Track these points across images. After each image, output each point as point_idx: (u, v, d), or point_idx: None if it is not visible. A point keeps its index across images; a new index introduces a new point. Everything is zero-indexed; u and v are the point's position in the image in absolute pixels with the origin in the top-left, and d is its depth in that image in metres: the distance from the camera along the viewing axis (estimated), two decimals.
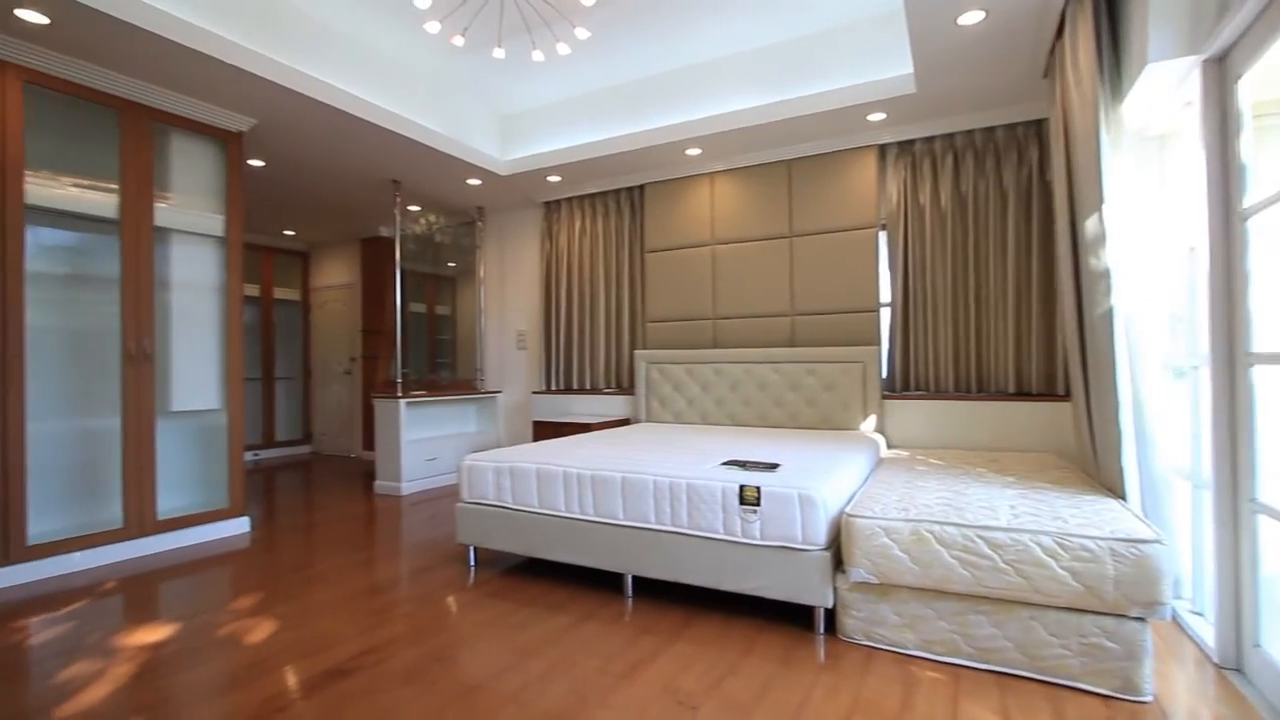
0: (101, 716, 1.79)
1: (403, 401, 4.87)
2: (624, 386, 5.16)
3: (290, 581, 2.92)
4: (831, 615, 2.32)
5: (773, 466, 2.63)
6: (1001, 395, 3.77)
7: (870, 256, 4.14)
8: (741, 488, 2.40)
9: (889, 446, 4.02)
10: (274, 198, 5.52)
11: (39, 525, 3.15)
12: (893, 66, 3.58)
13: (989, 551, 1.99)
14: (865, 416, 4.05)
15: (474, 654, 2.16)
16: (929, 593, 2.09)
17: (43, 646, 2.26)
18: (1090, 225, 2.42)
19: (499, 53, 3.22)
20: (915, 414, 3.97)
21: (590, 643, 2.24)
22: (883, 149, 4.19)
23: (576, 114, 4.68)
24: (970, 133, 3.88)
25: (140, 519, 3.36)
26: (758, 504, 2.36)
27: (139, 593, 2.81)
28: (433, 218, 6.24)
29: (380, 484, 4.99)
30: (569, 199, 5.45)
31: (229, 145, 3.80)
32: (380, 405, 4.99)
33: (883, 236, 4.19)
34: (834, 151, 4.26)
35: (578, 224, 5.39)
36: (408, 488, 4.90)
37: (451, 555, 3.29)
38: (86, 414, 3.37)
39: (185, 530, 3.55)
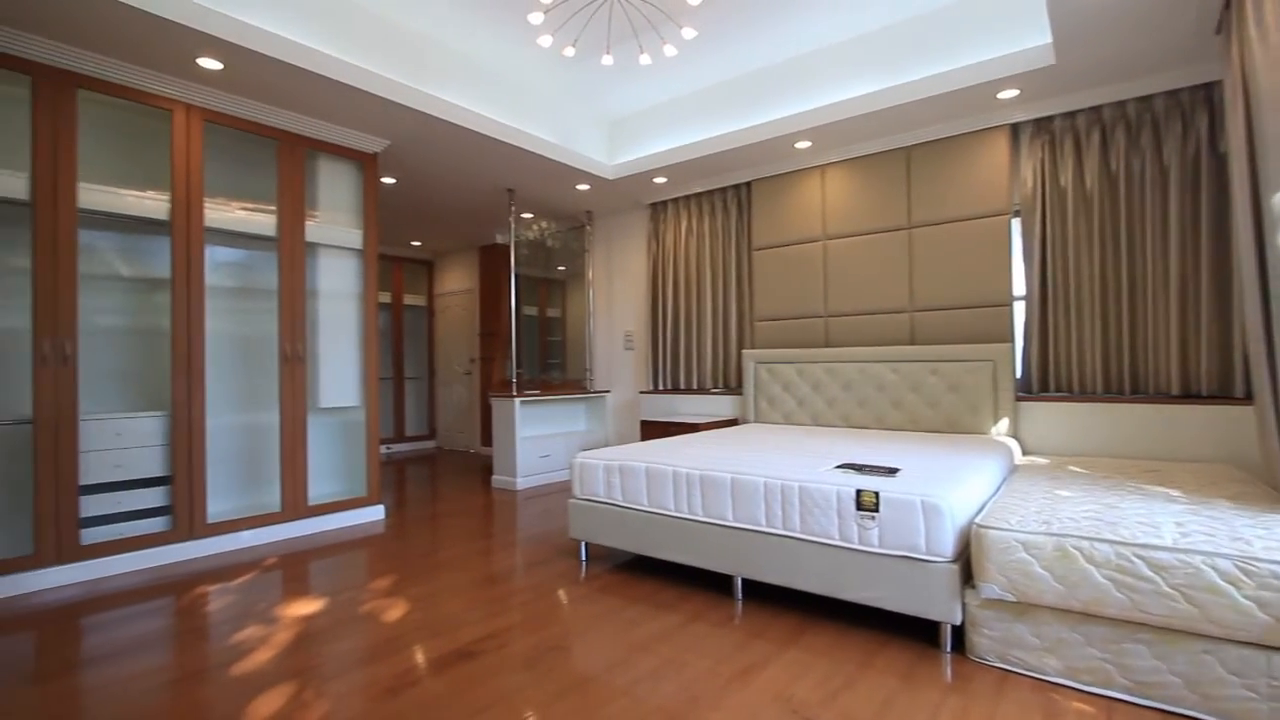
0: (267, 676, 2.02)
1: (517, 400, 5.11)
2: (731, 386, 5.10)
3: (419, 566, 3.15)
4: (959, 632, 2.16)
5: (892, 471, 2.49)
6: (1163, 397, 3.34)
7: (1001, 246, 3.82)
8: (858, 493, 2.29)
9: (1024, 453, 3.69)
10: (403, 212, 5.98)
11: (215, 506, 3.62)
12: (1024, 38, 3.28)
13: (1150, 573, 1.76)
14: (996, 420, 3.74)
15: (587, 646, 2.22)
16: (1075, 615, 1.89)
17: (219, 611, 2.58)
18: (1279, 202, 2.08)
19: (607, 60, 3.29)
20: (1055, 417, 3.61)
21: (700, 643, 2.22)
22: (1015, 128, 3.85)
23: (682, 114, 4.69)
24: (1121, 104, 3.47)
25: (295, 503, 3.75)
26: (876, 510, 2.24)
27: (294, 569, 3.14)
28: (544, 224, 6.50)
29: (497, 478, 5.26)
30: (675, 199, 5.47)
31: (365, 166, 4.16)
32: (497, 404, 5.26)
33: (1016, 224, 3.85)
34: (958, 135, 3.97)
35: (684, 224, 5.40)
36: (522, 483, 5.13)
37: (564, 549, 3.40)
38: (251, 409, 3.82)
39: (330, 515, 3.93)
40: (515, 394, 5.12)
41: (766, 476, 2.55)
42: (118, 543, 3.10)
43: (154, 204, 3.27)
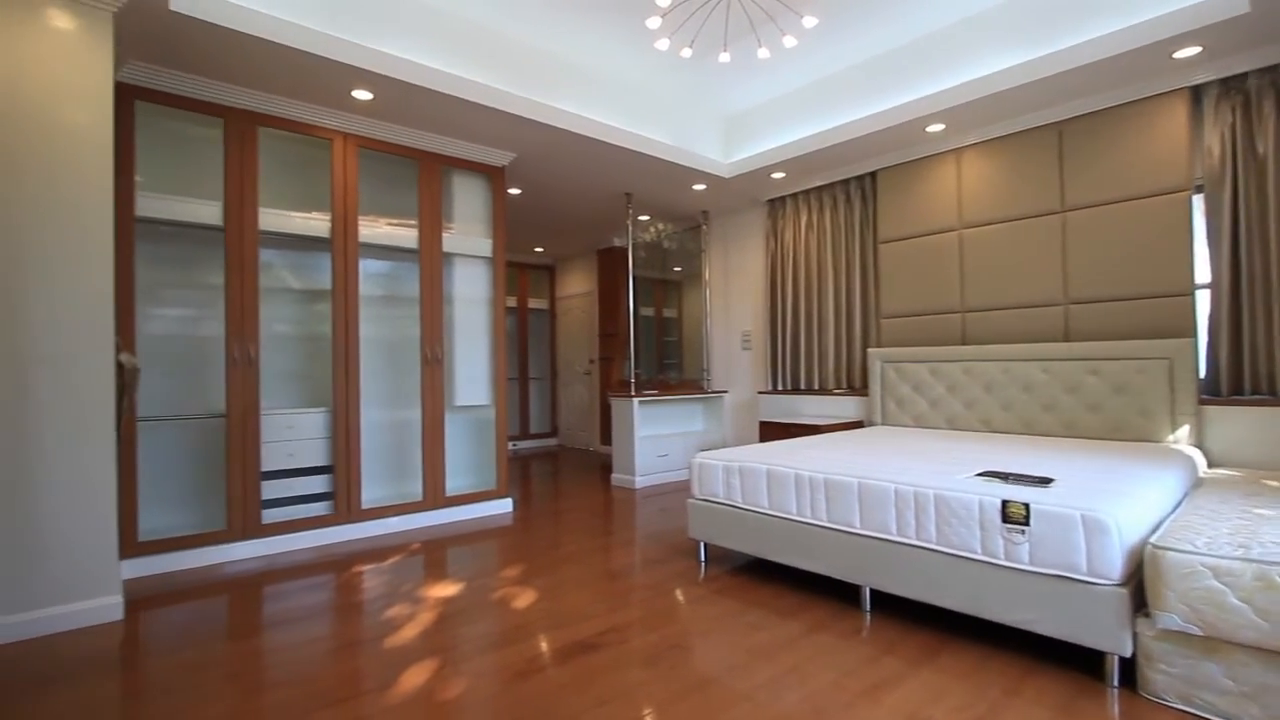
0: (413, 651, 2.20)
1: (635, 400, 5.19)
2: (855, 387, 4.87)
3: (544, 558, 3.29)
4: (1129, 665, 1.91)
5: (1044, 481, 2.26)
6: None
7: (1180, 227, 3.34)
8: (1004, 503, 2.09)
9: (1209, 465, 3.20)
10: (527, 220, 6.29)
11: (368, 493, 3.99)
12: None
13: None
14: (1174, 426, 3.27)
15: (707, 647, 2.20)
16: None
17: (372, 589, 2.85)
18: None
19: (724, 57, 3.26)
20: (1248, 425, 3.09)
21: (824, 654, 2.14)
22: (1197, 91, 3.34)
23: (801, 106, 4.55)
24: None
25: (434, 494, 4.06)
26: (1026, 524, 2.04)
27: (434, 554, 3.39)
28: (661, 225, 6.57)
29: (616, 476, 5.38)
30: (794, 194, 5.32)
31: (494, 178, 4.42)
32: (616, 403, 5.38)
33: (1198, 201, 3.35)
34: (1123, 104, 3.52)
35: (803, 219, 5.23)
36: (641, 481, 5.21)
37: (682, 549, 3.41)
38: (397, 407, 4.19)
39: (465, 506, 4.21)
40: (633, 394, 5.21)
41: (897, 482, 2.40)
42: (290, 523, 3.52)
43: (317, 224, 3.67)
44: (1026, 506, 2.04)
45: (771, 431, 4.80)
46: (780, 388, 5.41)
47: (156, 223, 3.22)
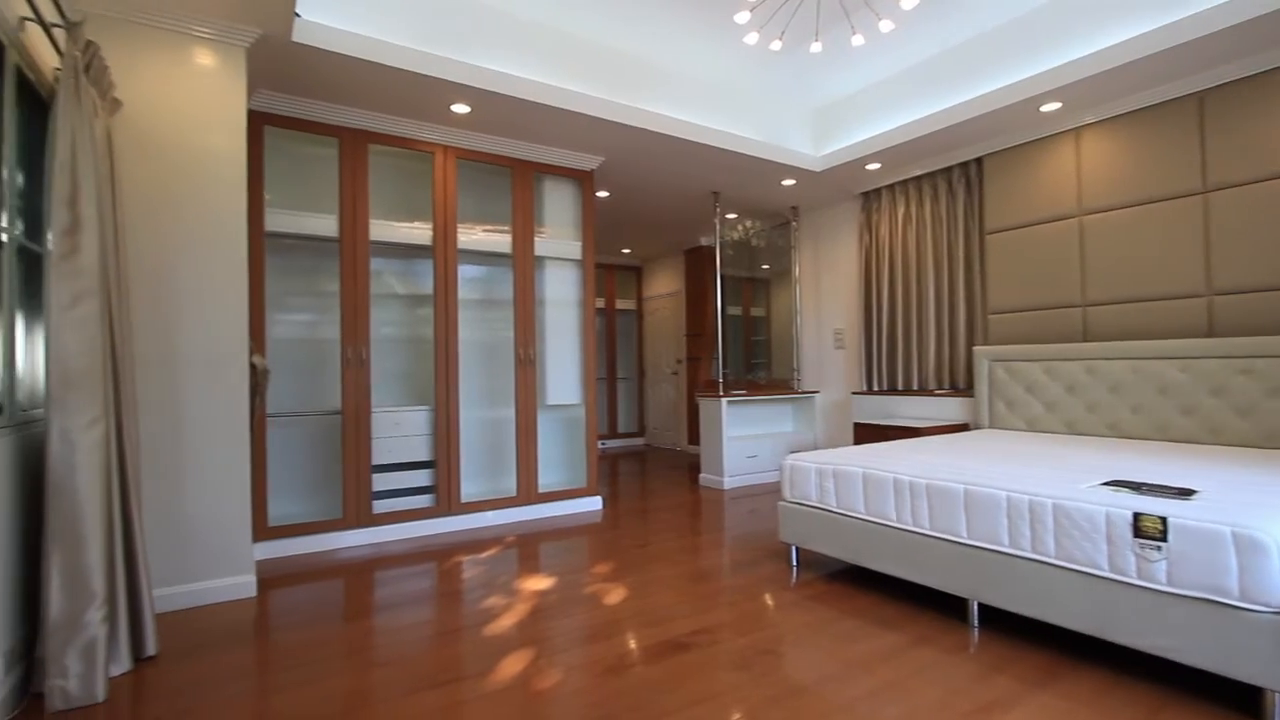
0: (509, 641, 2.28)
1: (724, 400, 5.14)
2: (959, 387, 4.58)
3: (634, 556, 3.31)
4: None
5: (1185, 493, 2.02)
6: None
7: None
8: (1136, 516, 1.90)
9: None
10: (615, 222, 6.38)
11: (467, 488, 4.19)
12: None
13: None
14: None
15: (800, 655, 2.14)
16: None
17: (470, 579, 2.98)
18: None
19: (816, 47, 3.16)
20: None
21: (928, 669, 2.02)
22: None
23: (897, 93, 4.33)
24: None
25: (527, 490, 4.20)
26: (1162, 539, 1.83)
27: (527, 548, 3.51)
28: (749, 223, 6.47)
29: (704, 477, 5.35)
30: (890, 186, 5.08)
31: (583, 182, 4.51)
32: (704, 404, 5.35)
33: None
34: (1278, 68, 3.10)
35: (900, 211, 4.99)
36: (729, 482, 5.15)
37: (773, 552, 3.34)
38: (492, 406, 4.36)
39: (556, 503, 4.32)
40: (722, 394, 5.16)
41: (1009, 490, 2.23)
42: (396, 514, 3.75)
43: (420, 232, 3.89)
44: (1163, 520, 1.84)
45: (867, 434, 4.61)
46: (876, 388, 5.18)
47: (282, 236, 3.53)
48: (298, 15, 2.83)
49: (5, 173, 1.99)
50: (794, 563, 3.12)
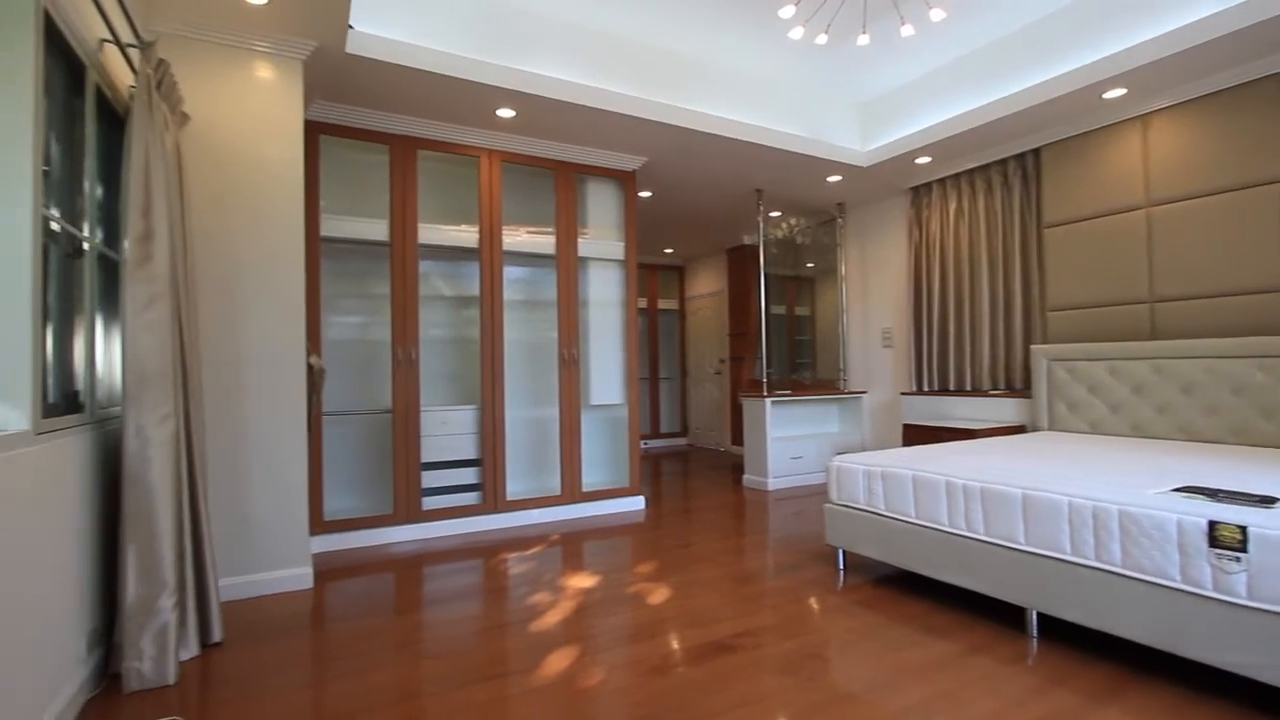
0: (554, 637, 2.30)
1: (768, 400, 5.08)
2: (1015, 388, 4.41)
3: (677, 556, 3.31)
4: None
5: (1267, 501, 1.90)
6: None
7: None
8: (1212, 524, 1.79)
9: None
10: (657, 222, 6.38)
11: (512, 486, 4.25)
12: None
13: None
14: None
15: (847, 661, 2.09)
16: None
17: (516, 576, 3.03)
18: None
19: (863, 39, 3.09)
20: None
21: (984, 679, 1.95)
22: None
23: (948, 84, 4.20)
24: None
25: (571, 488, 4.24)
26: (1241, 549, 1.72)
27: (572, 547, 3.54)
28: (793, 221, 6.37)
29: (748, 478, 5.29)
30: (940, 180, 4.93)
31: (625, 183, 4.52)
32: (747, 404, 5.29)
33: None
34: None
35: (952, 206, 4.83)
36: (773, 483, 5.08)
37: (818, 555, 3.28)
38: (537, 405, 4.42)
39: (599, 502, 4.34)
40: (766, 394, 5.10)
41: (1071, 495, 2.13)
42: (444, 510, 3.83)
43: (467, 235, 3.97)
44: (1243, 530, 1.73)
45: (916, 435, 4.48)
46: (926, 388, 5.04)
47: (336, 241, 3.65)
48: (351, 27, 2.92)
49: (87, 185, 2.12)
50: (841, 566, 3.06)
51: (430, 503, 3.84)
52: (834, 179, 5.08)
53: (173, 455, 2.09)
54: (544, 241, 4.24)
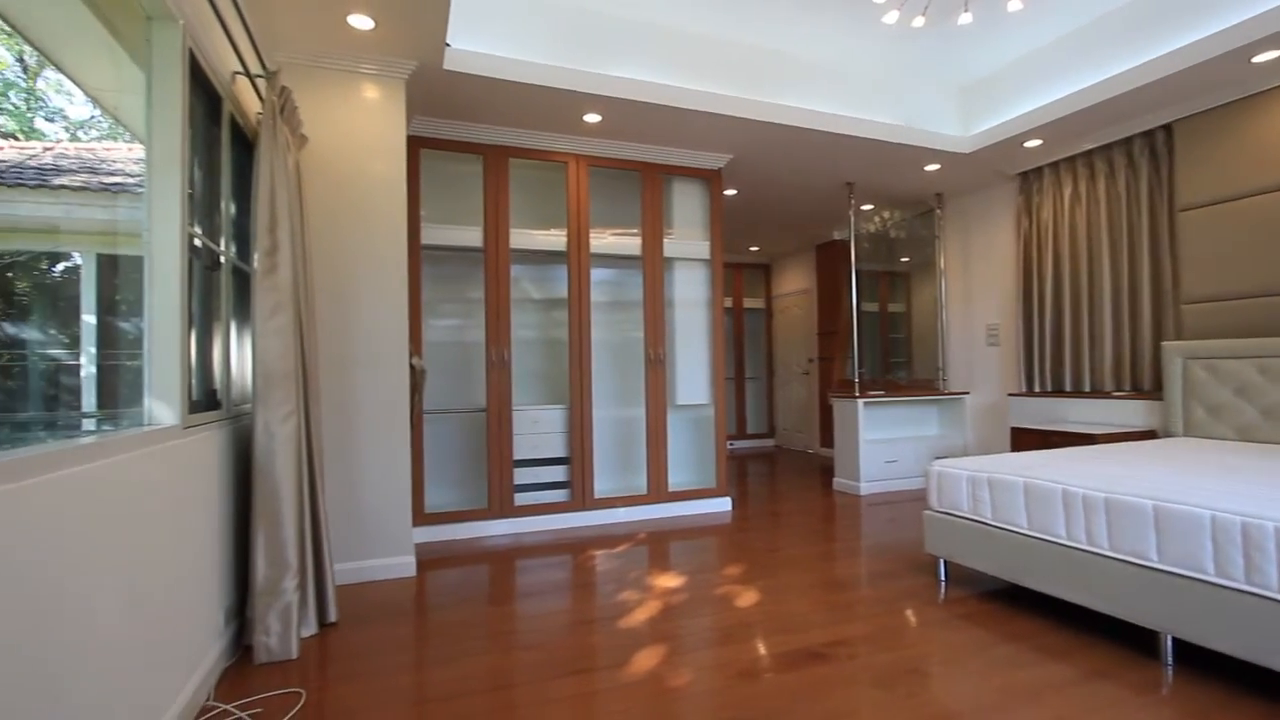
0: (642, 635, 2.32)
1: (860, 401, 4.88)
2: (1142, 389, 4.00)
3: (764, 560, 3.24)
4: None
5: None
6: None
7: None
8: None
9: None
10: (743, 220, 6.29)
11: (600, 484, 4.32)
12: None
13: None
14: None
15: (951, 677, 1.97)
16: None
17: (604, 573, 3.08)
18: None
19: (965, 18, 2.91)
20: None
21: (1108, 708, 1.78)
22: None
23: (1061, 60, 3.87)
24: None
25: (657, 488, 4.25)
26: None
27: (658, 546, 3.55)
28: (886, 213, 6.10)
29: (839, 481, 5.11)
30: (1054, 164, 4.56)
31: (711, 182, 4.49)
32: (838, 405, 5.12)
33: None
34: None
35: (1067, 191, 4.45)
36: (866, 487, 4.88)
37: (916, 564, 3.12)
38: (623, 405, 4.47)
39: (685, 502, 4.34)
40: (858, 394, 4.91)
41: (1215, 509, 1.91)
42: (535, 506, 3.96)
43: (555, 239, 4.08)
44: None
45: (1027, 439, 4.17)
46: (1038, 389, 4.67)
47: (435, 248, 3.86)
48: (448, 45, 3.07)
49: (223, 205, 2.36)
50: (942, 577, 2.89)
51: (522, 499, 3.98)
52: (932, 168, 4.82)
53: (295, 449, 2.28)
54: (630, 243, 4.28)
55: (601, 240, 4.21)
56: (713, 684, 1.96)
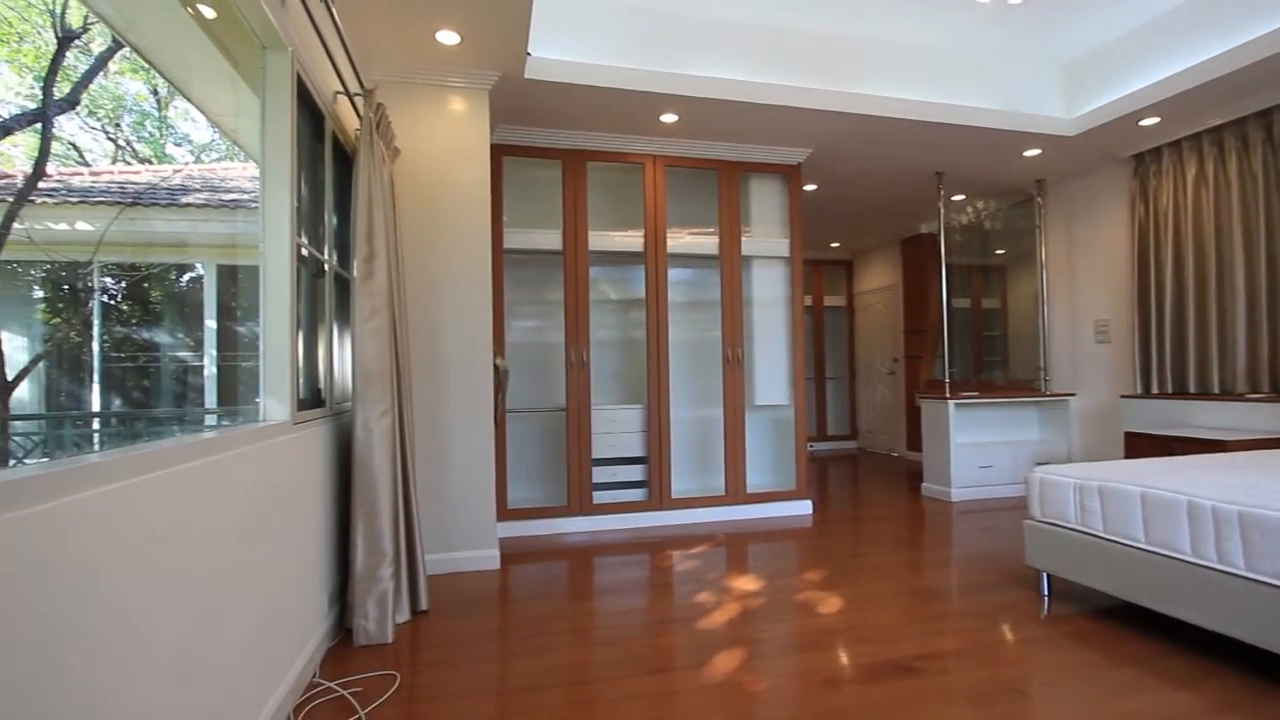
0: (720, 637, 2.30)
1: (951, 403, 4.64)
2: None
3: (847, 566, 3.14)
4: None
5: None
6: None
7: None
8: None
9: None
10: (823, 215, 6.11)
11: (677, 484, 4.32)
12: None
13: None
14: None
15: (1055, 700, 1.84)
16: None
17: (681, 573, 3.07)
18: None
19: None
20: None
21: None
22: None
23: (1184, 25, 3.52)
24: None
25: (735, 489, 4.20)
26: None
27: (736, 548, 3.51)
28: (980, 204, 5.75)
29: (927, 486, 4.87)
30: (1174, 143, 4.16)
31: (790, 177, 4.39)
32: (927, 406, 4.88)
33: None
34: None
35: (1190, 173, 4.05)
36: (957, 494, 4.63)
37: (1015, 577, 2.92)
38: (701, 405, 4.45)
39: (764, 504, 4.26)
40: (948, 395, 4.66)
41: None
42: (613, 505, 4.00)
43: (632, 240, 4.12)
44: None
45: (1143, 445, 3.82)
46: (1156, 390, 4.27)
47: (516, 252, 3.98)
48: (529, 54, 3.16)
49: (326, 216, 2.53)
50: (1044, 592, 2.70)
51: (600, 497, 4.03)
52: (1032, 153, 4.50)
53: (390, 445, 2.41)
54: (707, 242, 4.25)
55: (678, 240, 4.21)
56: (794, 691, 1.91)
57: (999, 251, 5.92)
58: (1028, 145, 4.35)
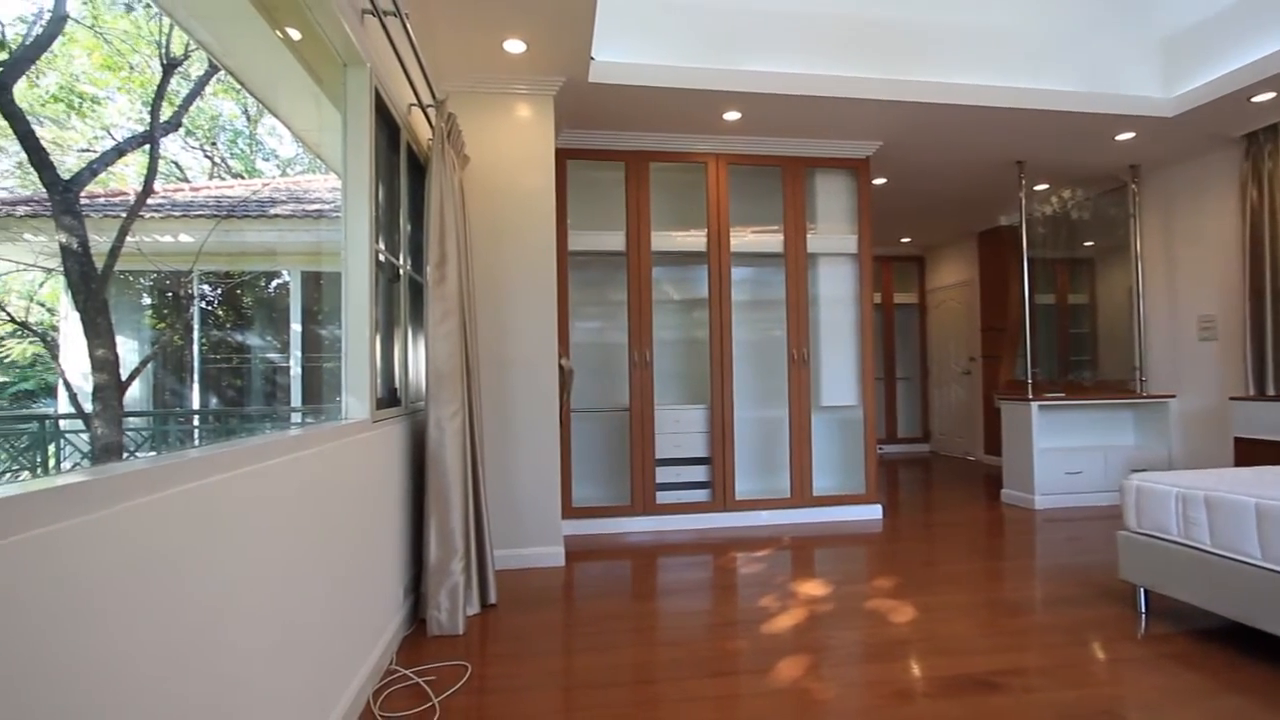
0: (786, 643, 2.26)
1: (1034, 404, 4.38)
2: None
3: (920, 574, 3.01)
4: None
5: None
6: None
7: None
8: None
9: None
10: (893, 210, 5.89)
11: (741, 485, 4.27)
12: None
13: None
14: None
15: None
16: None
17: (746, 576, 3.03)
18: None
19: None
20: None
21: None
22: None
23: None
24: None
25: (801, 492, 4.12)
26: None
27: (802, 552, 3.44)
28: (1066, 193, 5.41)
29: (1008, 492, 4.62)
30: None
31: (858, 172, 4.26)
32: (1007, 408, 4.63)
33: None
34: None
35: None
36: (1041, 501, 4.37)
37: (1107, 591, 2.73)
38: (765, 406, 4.38)
39: (831, 508, 4.15)
40: (1031, 397, 4.40)
41: None
42: (677, 505, 4.00)
43: (695, 240, 4.10)
44: None
45: (1255, 452, 3.50)
46: (1271, 392, 3.89)
47: (580, 254, 4.03)
48: (593, 59, 3.20)
49: (401, 223, 2.64)
50: (1141, 609, 2.51)
51: (663, 497, 4.04)
52: (1125, 136, 4.19)
53: (461, 443, 2.50)
54: (771, 240, 4.19)
55: (742, 239, 4.16)
56: (863, 702, 1.86)
57: (1087, 243, 5.55)
58: (1119, 128, 4.05)
